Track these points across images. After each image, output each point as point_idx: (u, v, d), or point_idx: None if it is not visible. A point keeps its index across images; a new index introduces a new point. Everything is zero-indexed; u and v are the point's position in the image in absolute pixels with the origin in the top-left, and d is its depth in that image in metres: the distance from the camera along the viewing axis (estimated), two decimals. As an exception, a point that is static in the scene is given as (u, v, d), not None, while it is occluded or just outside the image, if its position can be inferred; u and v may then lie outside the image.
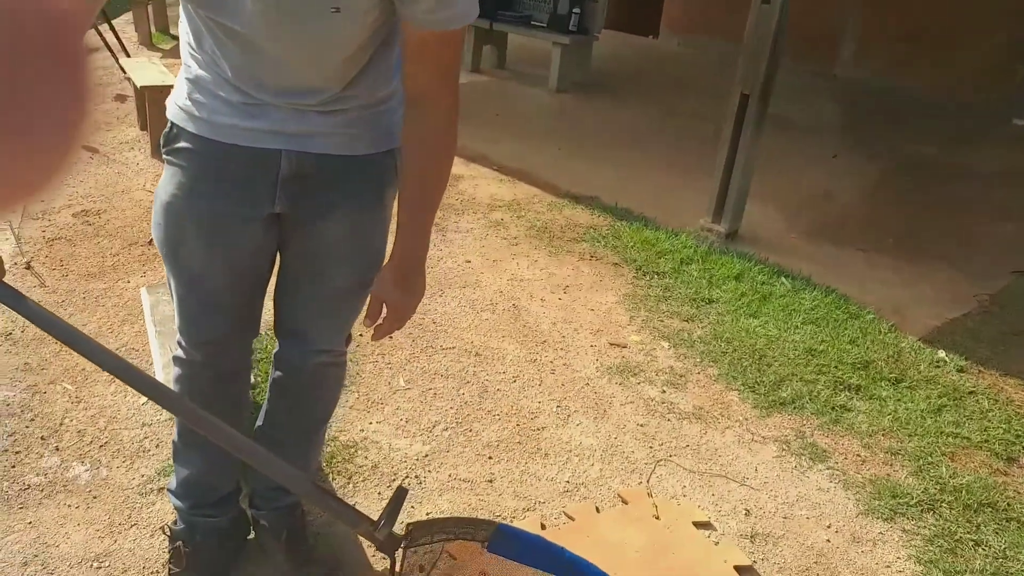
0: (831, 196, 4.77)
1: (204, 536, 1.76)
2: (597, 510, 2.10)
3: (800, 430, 2.49)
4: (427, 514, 2.04)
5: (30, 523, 1.90)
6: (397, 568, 1.53)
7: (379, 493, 2.09)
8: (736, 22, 4.19)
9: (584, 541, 1.98)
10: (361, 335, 2.82)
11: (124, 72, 5.15)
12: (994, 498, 2.25)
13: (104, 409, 2.31)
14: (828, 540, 2.06)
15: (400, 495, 1.44)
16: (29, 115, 0.28)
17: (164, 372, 1.96)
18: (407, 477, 2.16)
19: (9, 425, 2.21)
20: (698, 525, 2.06)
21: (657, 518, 2.07)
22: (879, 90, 7.54)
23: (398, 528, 1.48)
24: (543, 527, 2.02)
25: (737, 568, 1.91)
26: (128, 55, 5.83)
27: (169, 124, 1.38)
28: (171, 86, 1.44)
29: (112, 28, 5.93)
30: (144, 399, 2.18)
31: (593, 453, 2.33)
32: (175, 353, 1.62)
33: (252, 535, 1.88)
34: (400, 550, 1.51)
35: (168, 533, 1.78)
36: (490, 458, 2.27)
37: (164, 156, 1.40)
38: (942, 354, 2.99)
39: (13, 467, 2.06)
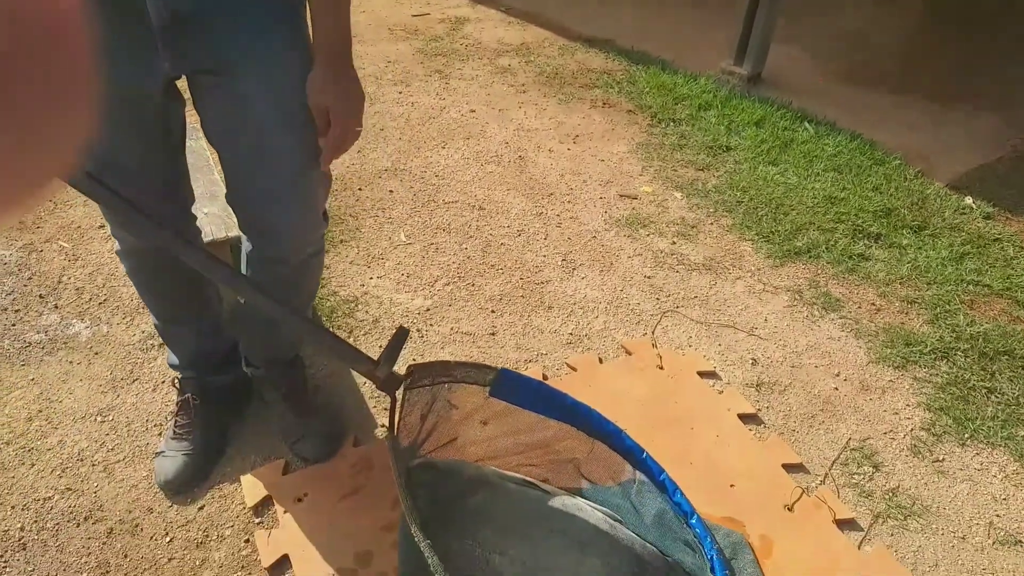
0: (866, 36, 4.44)
1: (214, 389, 1.77)
2: (600, 361, 2.07)
3: (814, 279, 2.41)
4: (428, 366, 2.02)
5: (32, 380, 1.91)
6: (398, 408, 1.51)
7: (380, 346, 2.06)
8: None
9: (586, 390, 1.96)
10: (361, 189, 2.73)
11: None
12: (1012, 346, 2.18)
13: (101, 267, 2.28)
14: (836, 388, 2.03)
15: (401, 335, 1.40)
16: (29, 114, 0.27)
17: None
18: (407, 331, 2.13)
19: (7, 284, 2.19)
20: (702, 375, 2.02)
21: (661, 368, 2.03)
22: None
23: (399, 370, 1.45)
24: (545, 377, 2.01)
25: (740, 416, 1.89)
26: None
27: None
28: None
29: None
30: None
31: (598, 306, 2.28)
32: (115, 249, 1.54)
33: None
34: (401, 390, 1.48)
35: (177, 386, 1.78)
36: (493, 311, 2.23)
37: None
38: (968, 200, 2.84)
39: (13, 325, 2.06)
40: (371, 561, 1.57)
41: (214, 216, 1.90)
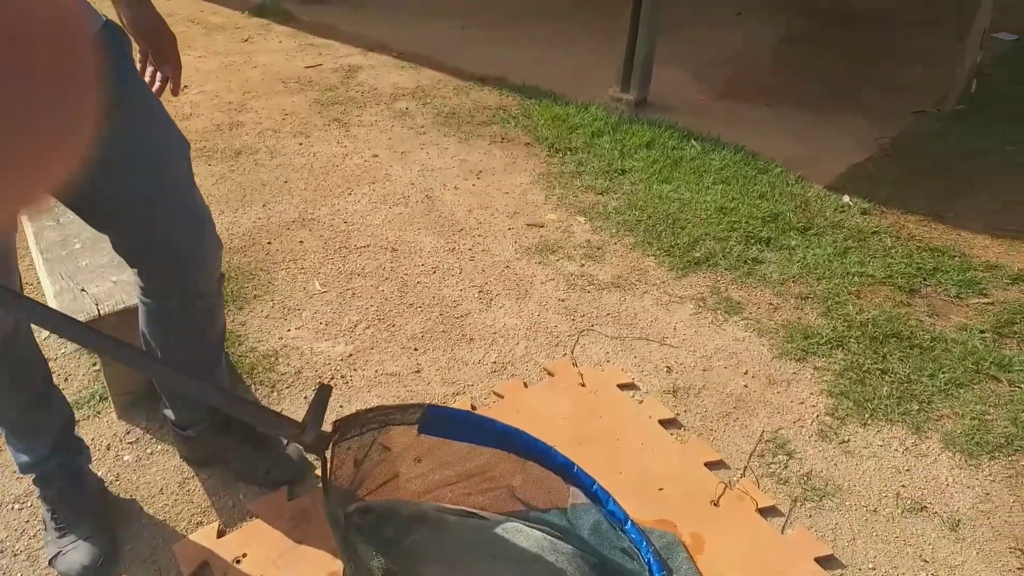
0: (739, 54, 4.74)
1: (84, 463, 1.73)
2: (525, 385, 2.13)
3: (715, 286, 2.55)
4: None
5: (-61, 472, 1.82)
6: (330, 467, 1.52)
7: (305, 397, 2.07)
8: None
9: (515, 415, 2.02)
10: (270, 243, 2.73)
11: None
12: (898, 328, 2.37)
13: (3, 349, 2.19)
14: (745, 386, 2.15)
15: (323, 393, 1.42)
16: (31, 112, 0.27)
17: (56, 300, 1.85)
18: (332, 378, 2.14)
19: (-100, 377, 2.08)
20: (622, 387, 2.11)
21: (583, 385, 2.11)
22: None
23: (325, 426, 1.46)
24: (473, 408, 2.05)
25: (661, 422, 1.99)
26: None
27: None
28: None
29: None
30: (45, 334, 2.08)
31: (517, 332, 2.35)
32: None
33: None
34: (330, 447, 1.49)
35: (39, 485, 1.69)
36: (416, 350, 2.27)
37: None
38: (846, 199, 3.07)
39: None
40: (318, 611, 1.57)
41: (124, 283, 1.88)
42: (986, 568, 1.71)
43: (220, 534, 1.70)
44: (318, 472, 1.84)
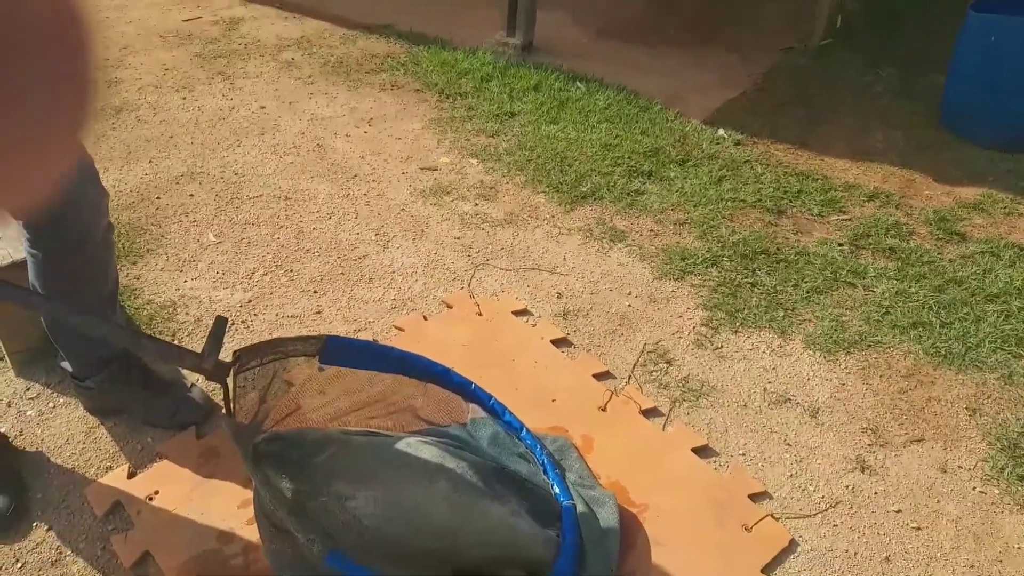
0: (620, -2, 4.86)
1: None
2: (424, 318, 2.23)
3: (601, 218, 2.70)
4: (260, 353, 2.08)
5: None
6: (232, 395, 1.57)
7: (207, 343, 2.10)
8: None
9: (415, 346, 2.10)
10: (159, 197, 2.70)
11: None
12: (766, 246, 2.58)
13: None
14: (629, 305, 2.32)
15: (220, 323, 1.46)
16: (28, 95, 0.26)
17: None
18: (233, 323, 2.17)
19: None
20: (517, 313, 2.24)
21: (480, 314, 2.23)
22: None
23: (225, 358, 1.51)
24: (375, 342, 2.13)
25: (553, 342, 2.13)
26: None
27: None
28: None
29: None
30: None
31: (416, 270, 2.43)
32: None
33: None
34: (232, 377, 1.54)
35: None
36: (315, 292, 2.32)
37: None
38: (721, 132, 3.27)
39: None
40: (233, 539, 1.64)
41: (9, 239, 1.85)
42: (841, 446, 1.94)
43: (131, 475, 1.74)
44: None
